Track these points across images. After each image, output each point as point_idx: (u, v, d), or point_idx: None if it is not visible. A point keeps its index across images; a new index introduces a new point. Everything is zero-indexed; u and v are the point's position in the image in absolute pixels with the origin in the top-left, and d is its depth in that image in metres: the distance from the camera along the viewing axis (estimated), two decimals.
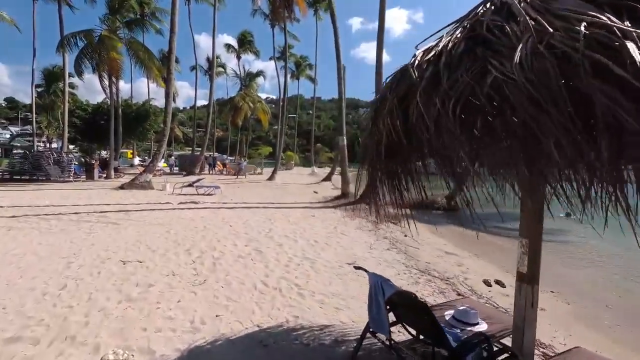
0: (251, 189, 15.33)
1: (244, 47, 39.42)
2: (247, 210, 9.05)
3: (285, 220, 8.05)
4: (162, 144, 13.95)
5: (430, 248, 7.16)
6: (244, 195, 12.50)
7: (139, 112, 26.59)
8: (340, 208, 10.54)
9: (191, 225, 6.47)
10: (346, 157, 12.46)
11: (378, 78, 11.09)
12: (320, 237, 6.53)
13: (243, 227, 6.73)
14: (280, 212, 9.22)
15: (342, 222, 8.59)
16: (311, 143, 54.29)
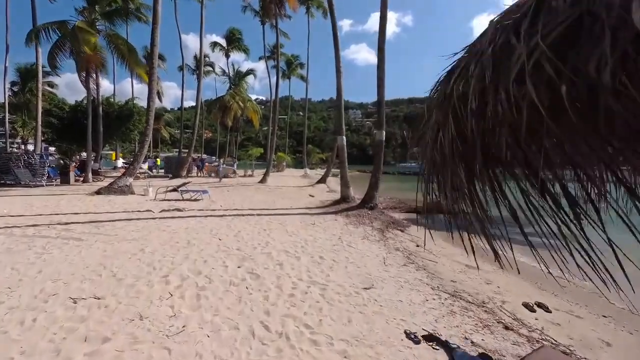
0: (242, 192, 14.28)
1: (232, 45, 38.22)
2: (239, 218, 8.04)
3: (283, 230, 7.08)
4: (144, 145, 12.77)
5: (448, 261, 6.32)
6: (235, 201, 11.45)
7: (122, 111, 25.10)
8: (341, 214, 9.63)
9: (172, 241, 5.43)
10: (346, 158, 11.58)
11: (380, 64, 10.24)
12: (325, 252, 5.60)
13: (235, 241, 5.74)
14: (276, 219, 8.25)
15: (346, 230, 7.68)
16: (303, 144, 53.36)
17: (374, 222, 8.95)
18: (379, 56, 10.33)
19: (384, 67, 10.34)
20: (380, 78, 10.36)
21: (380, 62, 10.32)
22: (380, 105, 10.43)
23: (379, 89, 10.41)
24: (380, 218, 9.50)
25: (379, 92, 10.41)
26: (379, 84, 10.41)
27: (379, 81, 10.39)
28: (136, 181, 17.70)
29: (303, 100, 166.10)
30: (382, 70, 10.34)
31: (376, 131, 10.52)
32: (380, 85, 10.37)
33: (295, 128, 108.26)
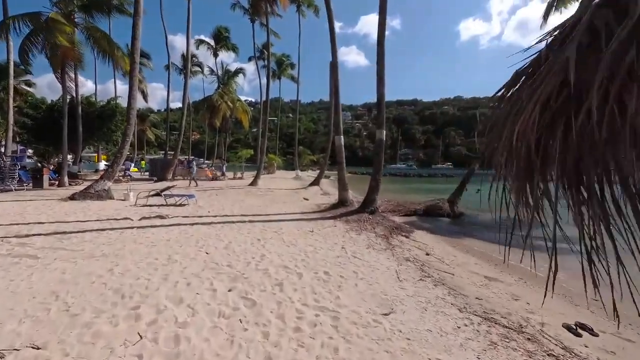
0: (232, 196, 13.41)
1: (220, 44, 37.19)
2: (229, 226, 7.23)
3: (279, 239, 6.32)
4: (124, 145, 11.77)
5: (464, 272, 5.69)
6: (224, 205, 10.60)
7: (104, 111, 23.76)
8: (340, 219, 8.92)
9: (150, 257, 4.60)
10: (344, 158, 10.88)
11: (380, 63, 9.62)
12: (330, 265, 4.87)
13: (225, 255, 4.94)
14: (270, 227, 7.47)
15: (349, 238, 6.97)
16: (294, 146, 52.53)
17: (376, 228, 8.28)
18: (379, 51, 9.71)
19: (383, 62, 9.72)
20: (380, 74, 9.74)
21: (379, 57, 9.70)
22: (380, 103, 9.80)
23: (378, 86, 9.78)
24: (382, 223, 8.84)
25: (379, 89, 9.78)
26: (378, 80, 9.78)
27: (379, 78, 9.76)
28: (118, 185, 16.62)
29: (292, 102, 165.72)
30: (381, 66, 9.72)
31: (376, 130, 9.88)
32: (380, 82, 9.74)
33: (285, 130, 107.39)
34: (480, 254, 7.36)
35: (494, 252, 7.89)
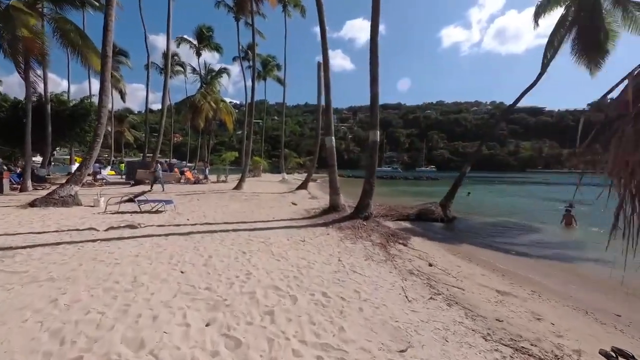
0: (215, 201, 12.51)
1: (203, 44, 36.01)
2: (210, 236, 6.43)
3: (267, 251, 5.60)
4: (94, 146, 10.69)
5: (474, 285, 5.15)
6: (206, 212, 9.74)
7: (76, 110, 22.23)
8: (333, 226, 8.27)
9: (110, 279, 3.78)
10: (335, 161, 10.26)
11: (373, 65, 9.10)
12: (327, 284, 4.21)
13: (204, 274, 4.18)
14: (256, 236, 6.73)
15: (344, 248, 6.32)
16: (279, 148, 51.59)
17: (372, 236, 7.68)
18: (372, 48, 9.19)
19: (377, 61, 9.20)
20: (373, 73, 9.21)
21: (372, 55, 9.18)
22: (373, 103, 9.26)
23: (372, 86, 9.25)
24: (377, 230, 8.26)
25: (372, 88, 9.25)
26: (372, 80, 9.26)
27: (372, 77, 9.24)
28: (90, 189, 15.35)
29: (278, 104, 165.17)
30: (375, 65, 9.19)
31: (370, 132, 9.33)
32: (374, 82, 9.22)
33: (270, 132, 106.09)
34: (483, 263, 6.88)
35: (497, 260, 7.46)
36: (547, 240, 9.74)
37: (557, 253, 8.15)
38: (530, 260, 7.47)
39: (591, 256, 7.84)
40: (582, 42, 14.69)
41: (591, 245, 9.01)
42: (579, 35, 14.68)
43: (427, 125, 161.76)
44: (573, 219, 11.21)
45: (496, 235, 10.17)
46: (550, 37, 15.10)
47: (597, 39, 14.24)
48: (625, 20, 13.92)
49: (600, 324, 4.18)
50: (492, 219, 13.58)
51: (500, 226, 11.97)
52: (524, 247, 8.73)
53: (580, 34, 14.59)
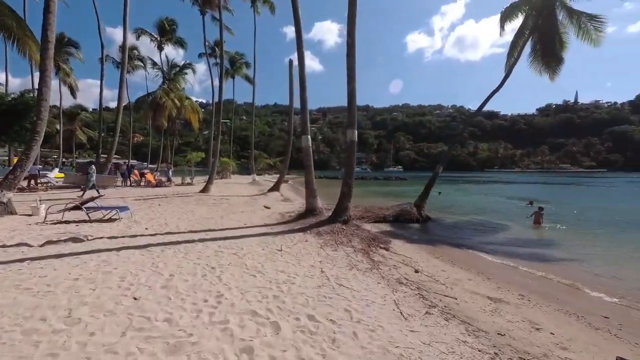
0: (179, 206, 11.43)
1: (166, 37, 33.82)
2: (173, 249, 5.60)
3: (240, 265, 4.92)
4: (32, 146, 9.21)
5: (465, 293, 4.86)
6: (168, 219, 8.74)
7: (15, 105, 19.65)
8: (311, 231, 7.72)
9: (36, 315, 2.92)
10: (312, 161, 9.71)
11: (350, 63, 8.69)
12: (314, 303, 3.66)
13: (163, 301, 3.44)
14: (227, 246, 5.99)
15: (325, 257, 5.80)
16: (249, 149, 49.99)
17: (352, 241, 7.25)
18: (349, 42, 8.79)
19: (354, 56, 8.81)
20: (351, 68, 8.81)
21: (350, 49, 8.78)
22: (350, 100, 8.85)
23: (349, 82, 8.84)
24: (357, 234, 7.84)
25: (349, 85, 8.85)
26: (349, 76, 8.85)
27: (349, 73, 8.83)
28: (32, 195, 13.46)
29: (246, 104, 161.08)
30: (352, 59, 8.80)
31: (347, 130, 8.91)
32: (351, 78, 8.82)
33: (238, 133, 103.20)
34: (467, 266, 6.71)
35: (478, 261, 7.35)
36: (519, 239, 9.94)
37: (532, 253, 8.26)
38: (509, 260, 7.45)
39: (563, 255, 8.03)
40: (541, 49, 15.48)
41: (560, 243, 9.31)
42: (539, 42, 15.48)
43: (394, 127, 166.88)
44: (541, 218, 11.63)
45: (472, 236, 10.22)
46: (513, 43, 15.78)
47: (554, 46, 15.08)
48: (578, 30, 14.83)
49: (595, 330, 4.03)
50: (464, 218, 13.80)
51: (473, 225, 12.14)
52: (500, 247, 8.79)
53: (539, 41, 15.39)
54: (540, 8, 15.08)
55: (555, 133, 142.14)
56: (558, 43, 15.00)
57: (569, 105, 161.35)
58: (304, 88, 9.55)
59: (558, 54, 15.13)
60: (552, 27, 14.87)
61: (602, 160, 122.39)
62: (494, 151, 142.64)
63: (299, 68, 9.60)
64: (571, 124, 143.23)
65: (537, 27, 15.16)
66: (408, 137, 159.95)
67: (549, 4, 14.70)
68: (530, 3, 15.38)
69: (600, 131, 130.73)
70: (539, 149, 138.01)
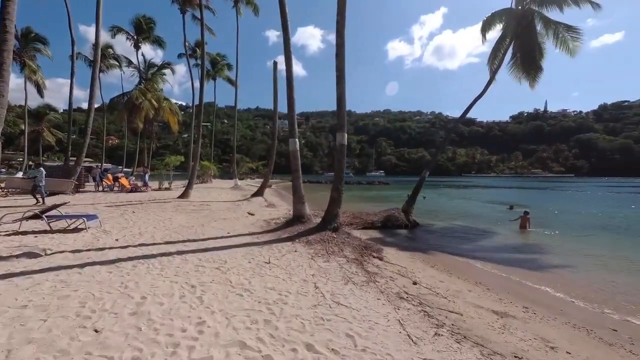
0: (155, 213, 10.62)
1: (143, 36, 32.46)
2: (146, 265, 4.97)
3: (225, 282, 4.37)
4: None
5: (469, 307, 4.55)
6: (143, 228, 7.99)
7: None
8: (299, 240, 7.24)
9: None
10: (299, 165, 9.25)
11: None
12: (311, 329, 3.19)
13: (131, 333, 2.87)
14: (209, 259, 5.41)
15: (318, 269, 5.36)
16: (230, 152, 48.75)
17: (344, 250, 6.84)
18: (338, 42, 8.47)
19: (343, 56, 8.51)
20: (340, 69, 8.49)
21: (339, 48, 8.46)
22: (340, 102, 8.51)
23: (338, 83, 8.51)
24: (349, 242, 7.44)
25: (339, 86, 8.51)
26: (338, 77, 8.52)
27: (339, 73, 8.51)
28: None
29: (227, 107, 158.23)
30: (341, 59, 8.48)
31: (337, 133, 8.55)
32: (340, 79, 8.49)
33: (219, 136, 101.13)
34: (463, 275, 6.45)
35: (473, 270, 7.12)
36: (510, 245, 9.90)
37: (525, 259, 8.17)
38: (503, 268, 7.28)
39: (555, 261, 7.97)
40: (521, 57, 15.89)
41: (549, 248, 9.31)
42: (519, 51, 15.89)
43: (376, 132, 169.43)
44: (528, 222, 11.68)
45: (463, 242, 10.08)
46: (493, 51, 16.14)
47: (534, 55, 15.51)
48: (556, 40, 15.30)
49: (610, 347, 3.80)
50: (451, 224, 13.74)
51: (462, 231, 12.05)
52: (492, 254, 8.65)
53: (519, 50, 15.80)
54: (519, 18, 15.48)
55: (527, 140, 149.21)
56: (537, 52, 15.44)
57: (539, 114, 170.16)
58: (291, 87, 9.11)
59: (537, 63, 15.55)
60: (531, 37, 15.29)
61: (569, 166, 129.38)
62: (472, 157, 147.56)
63: (286, 66, 9.17)
64: (541, 132, 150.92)
65: (516, 36, 15.54)
66: (389, 143, 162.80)
67: (527, 14, 15.11)
68: (510, 13, 15.79)
69: (567, 138, 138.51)
70: (512, 154, 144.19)
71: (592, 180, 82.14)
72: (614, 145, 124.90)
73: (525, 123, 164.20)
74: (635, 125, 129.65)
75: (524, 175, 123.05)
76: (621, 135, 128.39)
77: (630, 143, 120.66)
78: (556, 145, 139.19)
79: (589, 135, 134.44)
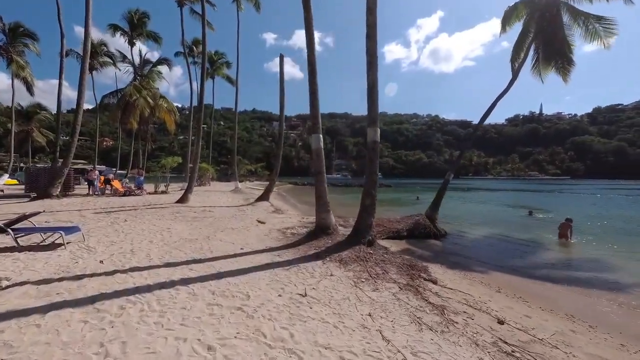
0: (151, 222, 9.16)
1: (137, 32, 30.94)
2: (138, 302, 3.55)
3: (255, 335, 2.98)
4: None
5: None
6: (136, 242, 6.55)
7: None
8: (331, 259, 5.86)
9: None
10: (323, 167, 7.87)
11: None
12: None
13: None
14: (225, 291, 4.01)
15: (370, 303, 3.99)
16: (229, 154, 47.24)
17: (389, 272, 5.48)
18: (370, 21, 7.17)
19: (375, 36, 7.21)
20: (372, 54, 7.17)
21: (370, 29, 7.16)
22: (372, 92, 7.18)
23: (369, 69, 7.19)
24: (389, 260, 6.08)
25: (370, 73, 7.19)
26: (369, 61, 7.21)
27: (370, 58, 7.19)
28: None
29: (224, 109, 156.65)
30: (374, 42, 7.18)
31: (367, 129, 7.22)
32: (372, 64, 7.18)
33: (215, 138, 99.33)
34: (542, 302, 5.14)
35: (549, 295, 5.81)
36: (562, 259, 8.67)
37: (596, 278, 6.87)
38: (578, 289, 6.01)
39: (631, 279, 6.70)
40: (547, 50, 14.81)
41: (610, 262, 8.07)
42: (545, 44, 14.81)
43: None
44: (570, 231, 10.34)
45: (507, 255, 8.78)
46: (516, 45, 15.07)
47: (562, 48, 14.43)
48: (585, 32, 14.22)
49: None
50: (480, 232, 12.42)
51: (497, 241, 10.74)
52: (550, 270, 7.34)
53: (545, 43, 14.72)
54: (544, 9, 14.43)
55: (524, 142, 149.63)
56: (566, 45, 14.37)
57: (534, 116, 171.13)
58: (313, 74, 7.74)
59: (568, 55, 14.49)
60: (558, 29, 14.25)
61: (565, 169, 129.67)
62: (468, 159, 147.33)
63: (308, 49, 7.80)
64: (537, 134, 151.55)
65: (541, 29, 14.46)
66: (386, 145, 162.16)
67: (553, 5, 14.06)
68: (533, 4, 14.74)
69: (563, 141, 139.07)
70: (509, 157, 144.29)
71: (589, 182, 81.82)
72: (608, 147, 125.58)
73: (521, 125, 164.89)
74: (629, 128, 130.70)
75: (520, 178, 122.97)
76: (615, 137, 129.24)
77: (625, 145, 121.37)
78: (552, 148, 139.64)
79: (584, 138, 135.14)
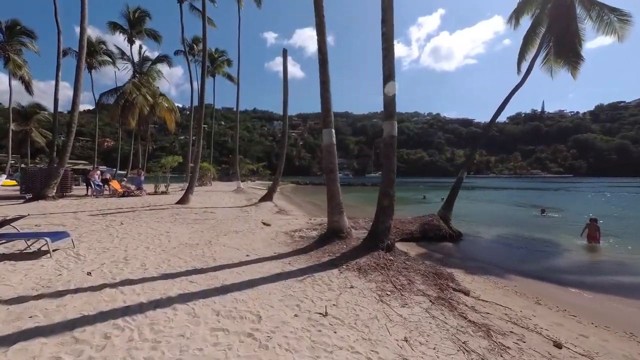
0: (149, 225, 8.55)
1: (137, 30, 30.32)
2: (128, 327, 2.95)
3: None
4: None
5: None
6: (130, 248, 5.94)
7: None
8: (347, 266, 5.23)
9: None
10: (336, 165, 7.24)
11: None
12: None
13: None
14: (231, 310, 3.40)
15: (402, 323, 3.37)
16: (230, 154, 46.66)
17: (415, 281, 4.86)
18: (385, 4, 6.54)
19: (392, 19, 6.58)
20: (388, 39, 6.55)
21: (386, 12, 6.53)
22: (387, 82, 6.55)
23: (385, 57, 6.57)
24: (412, 267, 5.46)
25: (386, 61, 6.57)
26: (385, 48, 6.58)
27: (386, 44, 6.57)
28: None
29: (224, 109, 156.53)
30: (390, 26, 6.55)
31: (383, 122, 6.60)
32: (388, 51, 6.55)
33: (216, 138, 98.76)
34: (592, 316, 4.52)
35: (595, 308, 5.19)
36: (594, 262, 8.05)
37: (634, 284, 6.26)
38: (623, 299, 5.38)
39: None
40: (559, 44, 14.24)
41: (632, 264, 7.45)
42: (557, 38, 14.22)
43: (375, 133, 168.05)
44: (598, 232, 9.61)
45: (532, 259, 8.16)
46: (526, 39, 14.56)
47: (574, 41, 13.85)
48: (600, 23, 13.62)
49: None
50: (497, 233, 11.77)
51: (517, 243, 10.10)
52: (584, 277, 6.72)
53: (557, 36, 14.13)
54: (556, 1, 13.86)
55: (526, 140, 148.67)
56: (577, 38, 13.78)
57: (536, 114, 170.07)
58: (325, 65, 7.09)
59: (577, 50, 13.91)
60: (571, 21, 13.66)
61: (568, 166, 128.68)
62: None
63: (318, 38, 7.17)
64: (539, 132, 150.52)
65: (554, 21, 13.86)
66: None
67: None
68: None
69: (565, 139, 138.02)
70: (511, 155, 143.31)
71: (592, 180, 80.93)
72: (611, 145, 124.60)
73: (523, 123, 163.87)
74: (632, 125, 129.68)
75: (523, 176, 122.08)
76: (618, 135, 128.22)
77: (628, 143, 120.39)
78: (554, 146, 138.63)
79: (587, 136, 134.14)
